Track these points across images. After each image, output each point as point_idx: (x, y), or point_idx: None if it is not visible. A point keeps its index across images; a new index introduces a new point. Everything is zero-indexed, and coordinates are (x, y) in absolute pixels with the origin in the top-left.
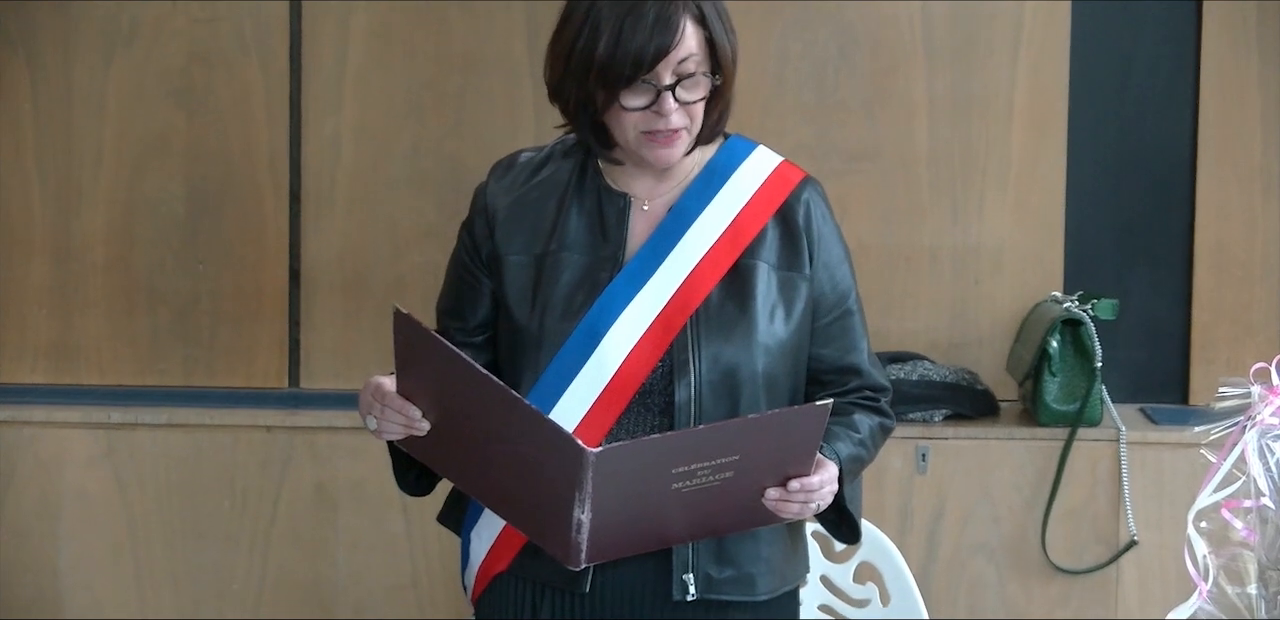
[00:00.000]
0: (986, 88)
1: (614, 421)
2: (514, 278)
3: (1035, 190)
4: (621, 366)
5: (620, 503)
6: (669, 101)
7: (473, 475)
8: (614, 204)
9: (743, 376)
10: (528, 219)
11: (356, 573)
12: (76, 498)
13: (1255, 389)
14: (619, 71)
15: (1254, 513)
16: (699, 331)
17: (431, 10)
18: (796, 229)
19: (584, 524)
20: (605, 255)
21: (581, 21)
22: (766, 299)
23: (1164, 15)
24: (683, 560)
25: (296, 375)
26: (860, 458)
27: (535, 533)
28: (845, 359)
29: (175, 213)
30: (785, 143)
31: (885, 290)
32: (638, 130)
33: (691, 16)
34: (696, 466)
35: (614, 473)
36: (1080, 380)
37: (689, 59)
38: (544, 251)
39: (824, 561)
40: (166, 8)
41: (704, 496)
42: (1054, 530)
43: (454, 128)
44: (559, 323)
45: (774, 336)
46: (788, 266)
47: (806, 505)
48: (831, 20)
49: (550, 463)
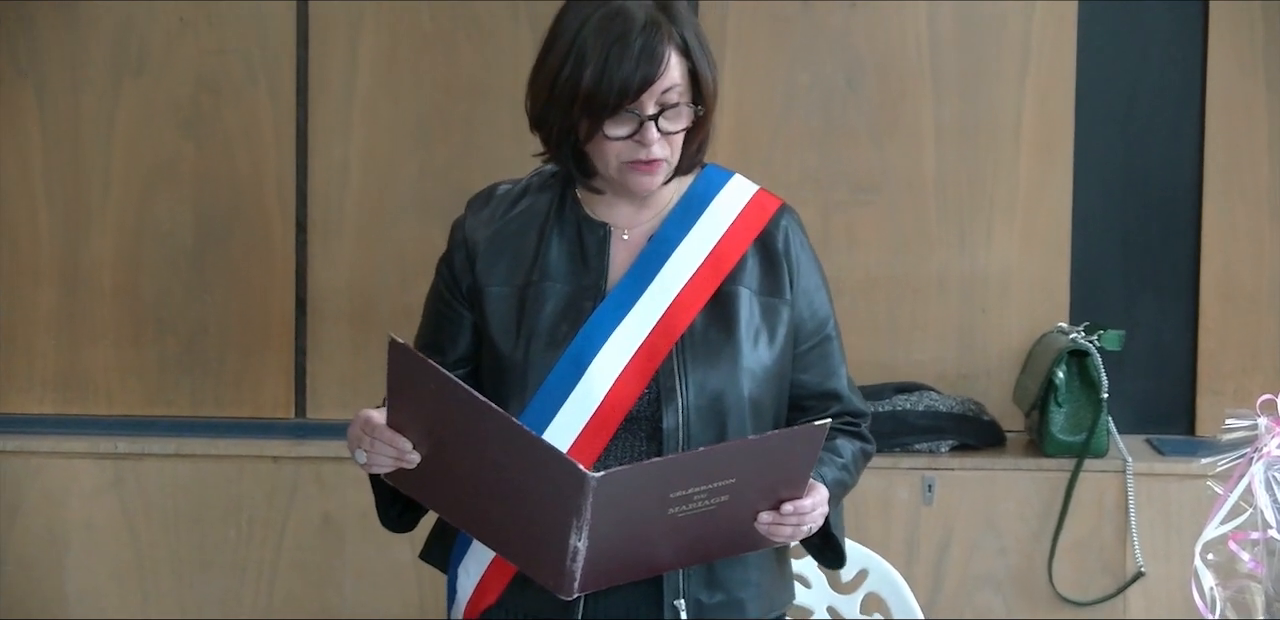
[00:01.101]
0: (993, 115)
1: (602, 449)
2: (497, 309)
3: (1042, 218)
4: (608, 394)
5: (616, 529)
6: (652, 131)
7: (464, 507)
8: (594, 233)
9: (729, 402)
10: (508, 250)
11: (363, 602)
12: (83, 527)
13: (1262, 421)
14: (604, 101)
15: (1261, 545)
16: (684, 358)
17: (439, 38)
18: (776, 256)
19: (580, 552)
20: (587, 284)
21: (566, 51)
22: (750, 324)
23: (1169, 41)
24: (674, 586)
25: (303, 405)
26: (844, 482)
27: (527, 563)
28: (825, 384)
29: (183, 240)
30: (792, 171)
31: (892, 319)
32: (620, 159)
33: (676, 47)
34: (694, 491)
35: (613, 498)
36: (1086, 411)
37: (672, 89)
38: (526, 282)
39: (830, 593)
40: (175, 36)
41: (698, 521)
42: (1060, 561)
43: (461, 155)
44: (544, 353)
45: (759, 361)
46: (769, 292)
47: (799, 528)
48: (839, 48)
49: (548, 489)
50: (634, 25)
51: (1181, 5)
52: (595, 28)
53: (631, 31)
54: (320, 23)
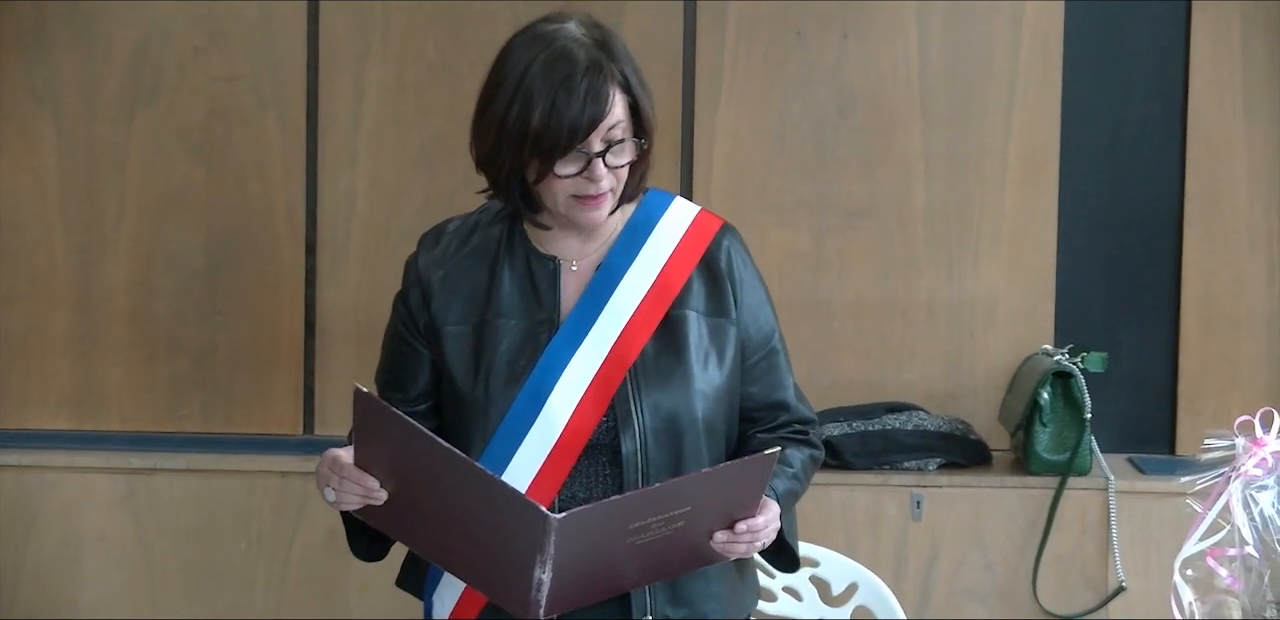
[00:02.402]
0: (981, 147)
1: (565, 476)
2: (454, 348)
3: (1027, 245)
4: (568, 424)
5: (579, 559)
6: (599, 167)
7: (431, 541)
8: (544, 267)
9: (684, 423)
10: (462, 288)
11: (368, 614)
12: (97, 540)
13: (1239, 441)
14: (554, 142)
15: (1238, 561)
16: (638, 383)
17: (443, 68)
18: (720, 276)
19: (544, 583)
20: (541, 318)
21: (513, 93)
22: (699, 347)
23: (1152, 76)
24: (641, 605)
25: (311, 422)
26: (795, 491)
27: (494, 593)
28: (773, 396)
29: (195, 264)
30: (786, 197)
31: (882, 342)
32: (568, 194)
33: (619, 85)
34: (651, 520)
35: (574, 535)
36: (1070, 431)
37: (617, 125)
38: (481, 320)
39: (821, 606)
40: (188, 65)
41: (657, 546)
42: (1045, 576)
43: (464, 181)
44: (503, 388)
45: (710, 382)
46: (715, 313)
47: (753, 544)
48: (831, 80)
49: (512, 528)
50: (578, 67)
51: (1164, 41)
52: (540, 70)
53: (576, 73)
54: (329, 53)
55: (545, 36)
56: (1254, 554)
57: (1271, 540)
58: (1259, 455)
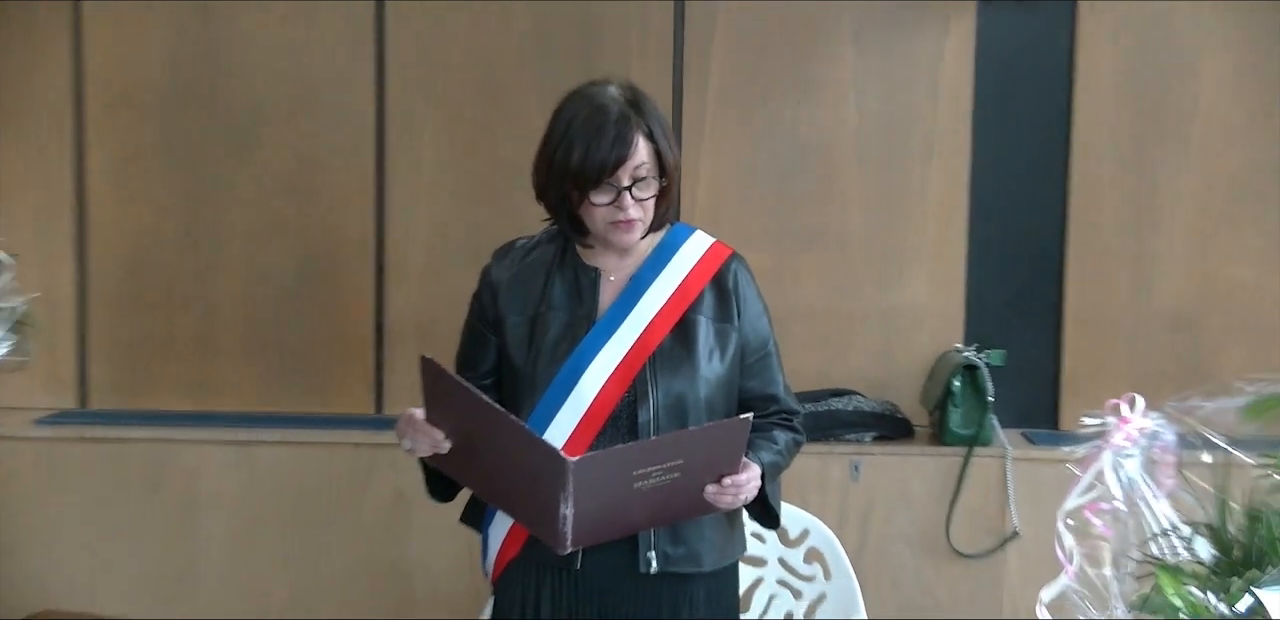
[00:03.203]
0: (906, 187)
1: (593, 439)
2: (514, 335)
3: (943, 265)
4: (596, 398)
5: (594, 498)
6: (627, 198)
7: (484, 483)
8: (587, 276)
9: (689, 403)
10: (523, 289)
11: (426, 556)
12: (212, 498)
13: (1110, 419)
14: (588, 176)
15: (1109, 514)
16: (655, 370)
17: (485, 124)
18: (727, 291)
19: (568, 517)
20: (582, 315)
21: (560, 139)
22: (706, 344)
23: (1042, 130)
24: (646, 542)
25: (381, 404)
26: (778, 464)
27: (532, 525)
28: (766, 390)
29: (288, 281)
30: (753, 227)
31: (828, 341)
32: (605, 220)
33: (643, 134)
34: (652, 469)
35: (588, 476)
36: (976, 411)
37: (641, 166)
38: (535, 313)
39: (781, 547)
40: (284, 123)
41: (658, 493)
42: (956, 524)
43: (502, 215)
44: (548, 366)
45: (713, 372)
46: (721, 319)
47: (737, 497)
48: (788, 133)
49: (541, 470)
50: (610, 118)
51: (1051, 102)
52: (581, 121)
53: (607, 124)
54: (394, 113)
55: (589, 95)
56: (1122, 508)
57: (1135, 497)
58: (1125, 430)
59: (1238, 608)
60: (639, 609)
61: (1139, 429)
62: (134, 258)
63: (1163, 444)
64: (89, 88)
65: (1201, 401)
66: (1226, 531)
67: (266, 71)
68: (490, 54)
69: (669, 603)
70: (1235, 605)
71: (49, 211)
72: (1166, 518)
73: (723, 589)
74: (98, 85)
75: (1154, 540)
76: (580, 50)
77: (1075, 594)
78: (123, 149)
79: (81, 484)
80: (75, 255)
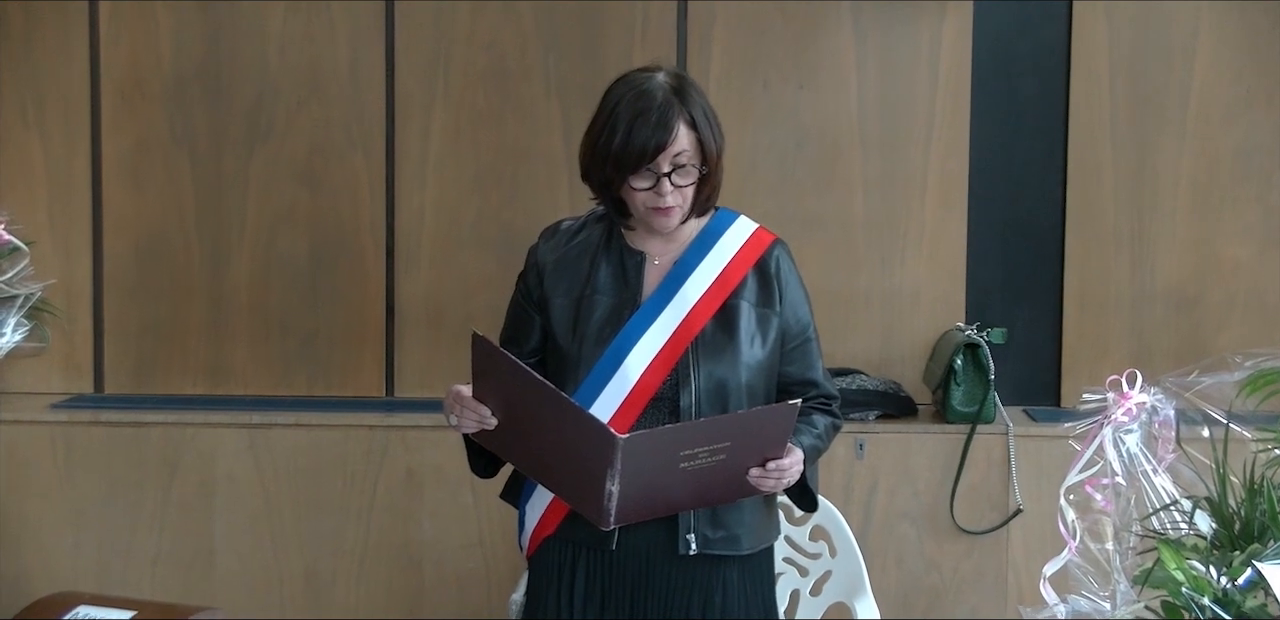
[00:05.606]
0: (907, 171)
1: (635, 420)
2: (559, 315)
3: (943, 247)
4: (639, 380)
5: (641, 478)
6: (666, 184)
7: (529, 459)
8: (633, 259)
9: (730, 387)
10: (569, 271)
11: (437, 535)
12: (227, 480)
13: (1110, 396)
14: (628, 161)
15: (1110, 488)
16: (698, 354)
17: (491, 114)
18: (769, 277)
19: (614, 494)
20: (626, 298)
21: (604, 123)
22: (748, 329)
23: (1041, 116)
24: (686, 524)
25: (392, 387)
26: (818, 447)
27: (576, 502)
28: (806, 375)
29: (300, 266)
30: (757, 211)
31: (833, 322)
32: (645, 205)
33: (685, 121)
34: (699, 450)
35: (637, 454)
36: (978, 389)
37: (682, 153)
38: (581, 295)
39: (787, 525)
40: (295, 112)
41: (703, 474)
42: (960, 501)
43: (508, 202)
44: (593, 348)
45: (754, 357)
46: (763, 305)
47: (780, 481)
48: (790, 118)
49: (589, 447)
50: (654, 104)
51: (1050, 88)
52: (626, 106)
53: (650, 109)
54: (403, 102)
55: (635, 81)
56: (1122, 482)
57: (1135, 472)
58: (1125, 406)
59: (1239, 581)
60: (673, 589)
61: (1138, 404)
62: (149, 244)
63: (1162, 419)
64: (105, 78)
65: (1199, 377)
66: (1227, 505)
67: (278, 61)
68: (497, 41)
69: (703, 584)
70: (1237, 579)
71: (65, 200)
72: (1167, 491)
73: (757, 571)
74: (113, 75)
75: (1155, 515)
76: (584, 37)
77: (1078, 569)
78: (138, 138)
79: (97, 468)
80: (91, 242)
